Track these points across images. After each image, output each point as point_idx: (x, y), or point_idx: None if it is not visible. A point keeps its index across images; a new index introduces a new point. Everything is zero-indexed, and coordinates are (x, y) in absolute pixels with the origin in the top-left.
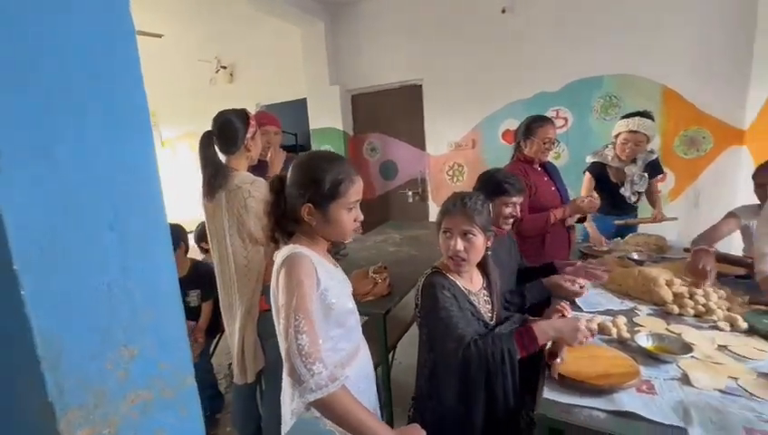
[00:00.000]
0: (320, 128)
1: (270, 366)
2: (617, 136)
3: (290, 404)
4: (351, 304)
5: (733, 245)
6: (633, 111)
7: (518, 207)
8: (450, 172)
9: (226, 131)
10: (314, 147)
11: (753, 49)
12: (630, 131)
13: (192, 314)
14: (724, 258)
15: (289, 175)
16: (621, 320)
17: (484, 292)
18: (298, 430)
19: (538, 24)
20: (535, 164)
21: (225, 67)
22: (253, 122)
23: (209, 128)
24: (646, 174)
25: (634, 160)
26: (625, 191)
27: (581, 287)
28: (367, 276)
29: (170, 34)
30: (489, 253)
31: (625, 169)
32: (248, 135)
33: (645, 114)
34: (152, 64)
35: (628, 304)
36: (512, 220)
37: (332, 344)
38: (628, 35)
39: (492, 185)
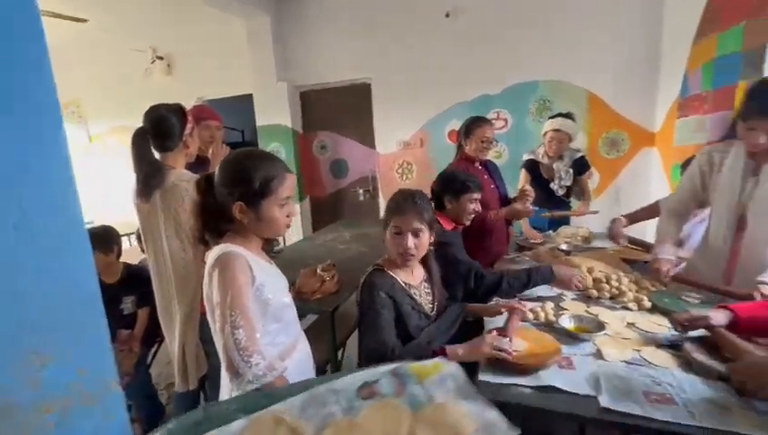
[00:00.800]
0: (267, 125)
1: (213, 371)
2: (545, 135)
3: (229, 397)
4: (288, 299)
5: (647, 233)
6: (557, 113)
7: (479, 203)
8: (400, 170)
9: (162, 128)
10: (262, 144)
11: (660, 62)
12: (554, 130)
13: (127, 321)
14: (641, 244)
15: (217, 174)
16: (548, 305)
17: (425, 284)
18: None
19: (479, 30)
20: (476, 163)
21: (161, 58)
22: (190, 118)
23: (143, 122)
24: (571, 170)
25: (561, 158)
26: (554, 186)
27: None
28: (315, 275)
29: (97, 20)
30: (432, 248)
31: (553, 165)
32: (186, 131)
33: (567, 115)
34: (77, 52)
35: (556, 291)
36: (473, 215)
37: (271, 339)
38: (559, 45)
39: (456, 183)
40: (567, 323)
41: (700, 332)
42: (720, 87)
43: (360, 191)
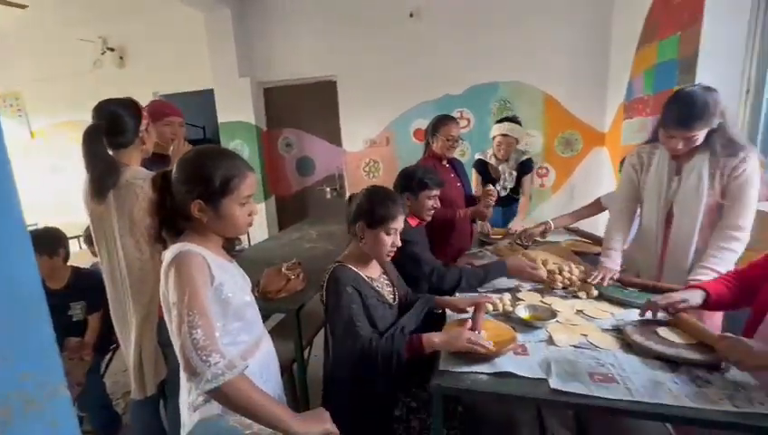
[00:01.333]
0: (229, 121)
1: (173, 374)
2: (493, 138)
3: (187, 398)
4: (249, 298)
5: (599, 227)
6: (503, 117)
7: (438, 199)
8: (367, 169)
9: (116, 124)
10: (224, 141)
11: (608, 67)
12: (502, 135)
13: (77, 328)
14: (590, 237)
15: (175, 171)
16: (506, 296)
17: (384, 277)
18: (200, 431)
19: (442, 31)
20: (443, 160)
21: (112, 49)
22: (145, 113)
23: (93, 118)
24: (515, 172)
25: (507, 160)
26: (498, 186)
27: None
28: (280, 273)
29: (39, 6)
30: None
31: (500, 167)
32: (141, 127)
33: (513, 119)
34: (16, 41)
35: (514, 282)
36: (432, 211)
37: (232, 338)
38: (517, 48)
39: (415, 181)
40: (522, 312)
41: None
42: (660, 91)
43: (327, 190)
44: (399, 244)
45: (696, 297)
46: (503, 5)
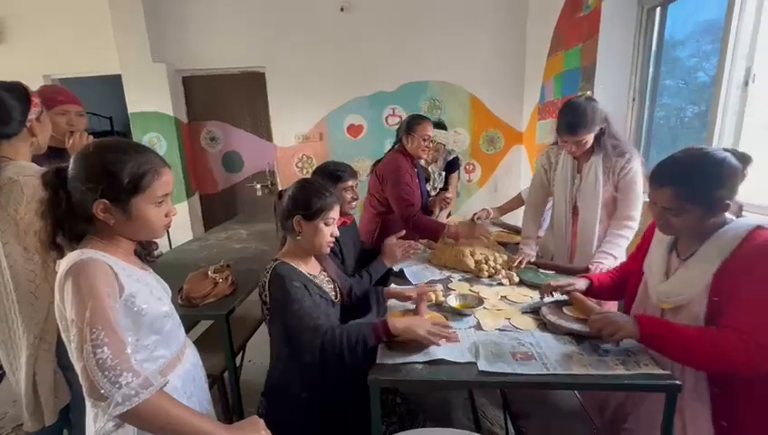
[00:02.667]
0: (142, 112)
1: (78, 400)
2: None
3: (93, 426)
4: (167, 308)
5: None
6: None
7: (356, 190)
8: (300, 164)
9: None
10: (136, 134)
11: (524, 72)
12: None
13: None
14: (513, 228)
15: (72, 167)
16: (438, 287)
17: (324, 274)
18: None
19: (373, 27)
20: (414, 160)
21: None
22: (36, 100)
23: None
24: (444, 173)
25: (436, 161)
26: (428, 186)
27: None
28: (206, 277)
29: None
30: None
31: (429, 168)
32: (32, 115)
33: (439, 125)
34: None
35: (445, 274)
36: (355, 203)
37: (148, 354)
38: (445, 49)
39: (328, 176)
40: (453, 301)
41: (556, 298)
42: (566, 96)
43: (258, 186)
44: (337, 234)
45: (581, 284)
46: (429, 8)
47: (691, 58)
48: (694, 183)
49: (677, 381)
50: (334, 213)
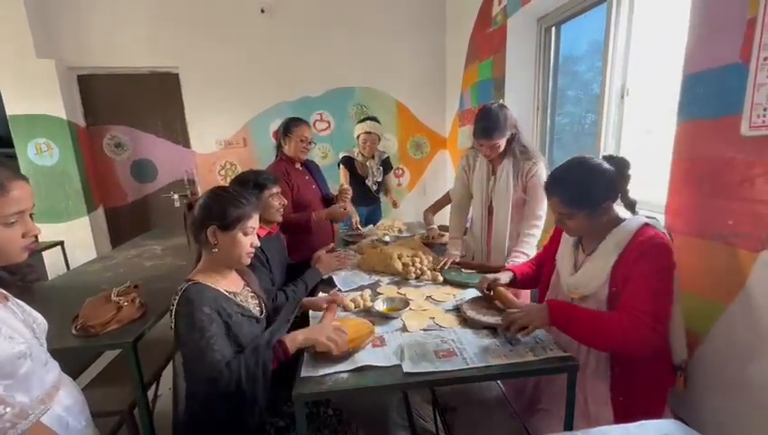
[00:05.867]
0: (26, 114)
1: None
2: (358, 137)
3: None
4: (21, 347)
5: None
6: (365, 117)
7: (281, 196)
8: (222, 172)
9: None
10: (18, 140)
11: (445, 81)
12: (366, 132)
13: None
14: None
15: None
16: (366, 292)
17: (247, 289)
18: None
19: (296, 31)
20: (297, 163)
21: None
22: None
23: None
24: (381, 167)
25: (373, 156)
26: (368, 181)
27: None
28: (109, 301)
29: None
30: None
31: (367, 163)
32: None
33: (373, 118)
34: None
35: (374, 278)
36: (281, 210)
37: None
38: (370, 55)
39: (251, 185)
40: (380, 305)
41: (473, 294)
42: (482, 104)
43: (175, 196)
44: (258, 243)
45: (506, 277)
46: (351, 16)
47: (587, 72)
48: (573, 189)
49: (576, 362)
50: (253, 222)
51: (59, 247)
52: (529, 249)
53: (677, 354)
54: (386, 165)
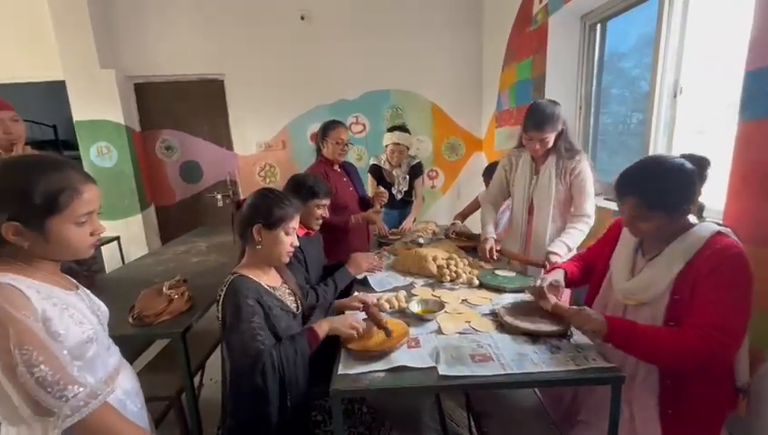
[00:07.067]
0: (89, 120)
1: None
2: (386, 146)
3: None
4: (89, 332)
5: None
6: (394, 125)
7: (327, 209)
8: (262, 173)
9: None
10: (83, 143)
11: (482, 83)
12: (394, 143)
13: None
14: (471, 235)
15: None
16: (402, 294)
17: (285, 286)
18: None
19: (333, 36)
20: (335, 165)
21: None
22: None
23: None
24: (408, 176)
25: (400, 165)
26: (394, 190)
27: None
28: (161, 294)
29: None
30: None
31: (393, 171)
32: None
33: (402, 128)
34: None
35: (409, 280)
36: (320, 221)
37: None
38: (406, 58)
39: (304, 189)
40: (415, 307)
41: (510, 299)
42: (520, 105)
43: (219, 196)
44: (297, 243)
45: (559, 275)
46: (388, 19)
47: (634, 69)
48: (652, 191)
49: (622, 374)
50: (294, 223)
51: (116, 243)
52: (572, 242)
53: (741, 375)
54: (415, 170)
